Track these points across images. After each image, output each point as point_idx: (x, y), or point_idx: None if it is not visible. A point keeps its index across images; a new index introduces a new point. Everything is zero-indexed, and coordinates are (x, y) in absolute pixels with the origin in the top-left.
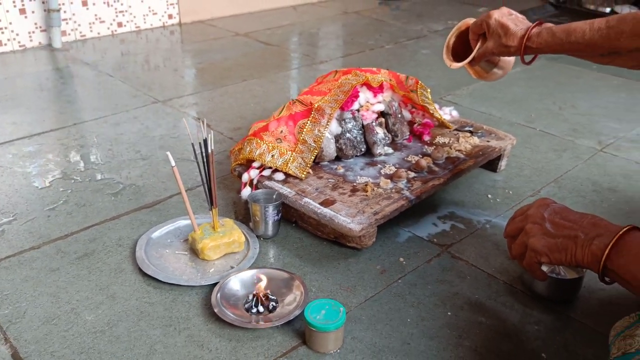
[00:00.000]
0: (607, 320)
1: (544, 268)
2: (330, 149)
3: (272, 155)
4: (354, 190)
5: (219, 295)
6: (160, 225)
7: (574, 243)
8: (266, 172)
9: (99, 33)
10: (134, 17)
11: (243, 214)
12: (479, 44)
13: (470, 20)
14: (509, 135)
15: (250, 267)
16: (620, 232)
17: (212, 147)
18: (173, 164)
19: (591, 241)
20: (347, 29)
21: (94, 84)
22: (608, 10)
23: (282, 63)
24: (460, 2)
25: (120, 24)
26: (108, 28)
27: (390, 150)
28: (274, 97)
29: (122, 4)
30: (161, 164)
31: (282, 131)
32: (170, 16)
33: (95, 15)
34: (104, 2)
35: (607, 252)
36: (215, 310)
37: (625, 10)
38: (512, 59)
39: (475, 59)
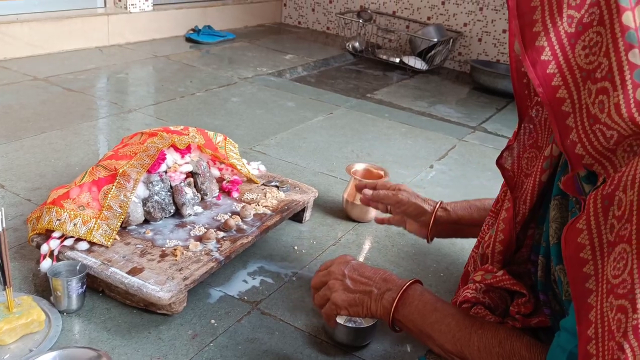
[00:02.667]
0: None
1: (339, 319)
2: (138, 213)
3: (75, 224)
4: (163, 256)
5: None
6: None
7: (369, 298)
8: (68, 242)
9: None
10: None
11: (44, 287)
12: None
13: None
14: (312, 188)
15: (52, 348)
16: (405, 286)
17: (4, 225)
18: None
19: (382, 295)
20: (157, 74)
21: None
22: (397, 60)
23: (87, 112)
24: (268, 49)
25: None
26: None
27: (200, 210)
28: (77, 151)
29: None
30: None
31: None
32: None
33: None
34: None
35: (394, 304)
36: None
37: (411, 61)
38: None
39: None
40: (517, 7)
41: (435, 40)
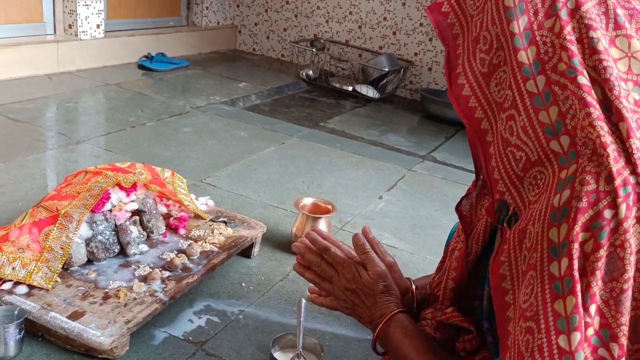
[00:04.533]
0: None
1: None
2: (80, 254)
3: (13, 267)
4: (105, 298)
5: None
6: None
7: (359, 317)
8: (6, 286)
9: None
10: None
11: None
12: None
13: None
14: (260, 223)
15: None
16: (385, 320)
17: None
18: None
19: (371, 321)
20: (108, 103)
21: None
22: (350, 88)
23: (33, 144)
24: (222, 76)
25: None
26: None
27: (145, 248)
28: (22, 185)
29: None
30: None
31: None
32: None
33: None
34: None
35: (376, 333)
36: None
37: (363, 90)
38: None
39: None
40: (448, 56)
41: (387, 69)
